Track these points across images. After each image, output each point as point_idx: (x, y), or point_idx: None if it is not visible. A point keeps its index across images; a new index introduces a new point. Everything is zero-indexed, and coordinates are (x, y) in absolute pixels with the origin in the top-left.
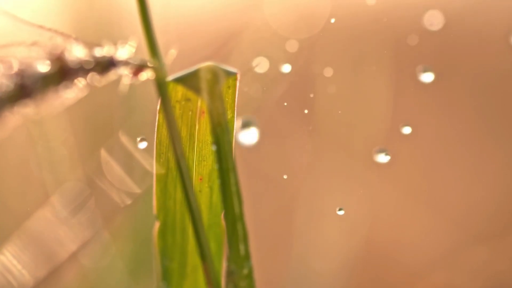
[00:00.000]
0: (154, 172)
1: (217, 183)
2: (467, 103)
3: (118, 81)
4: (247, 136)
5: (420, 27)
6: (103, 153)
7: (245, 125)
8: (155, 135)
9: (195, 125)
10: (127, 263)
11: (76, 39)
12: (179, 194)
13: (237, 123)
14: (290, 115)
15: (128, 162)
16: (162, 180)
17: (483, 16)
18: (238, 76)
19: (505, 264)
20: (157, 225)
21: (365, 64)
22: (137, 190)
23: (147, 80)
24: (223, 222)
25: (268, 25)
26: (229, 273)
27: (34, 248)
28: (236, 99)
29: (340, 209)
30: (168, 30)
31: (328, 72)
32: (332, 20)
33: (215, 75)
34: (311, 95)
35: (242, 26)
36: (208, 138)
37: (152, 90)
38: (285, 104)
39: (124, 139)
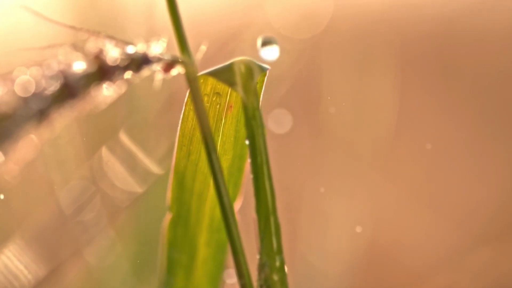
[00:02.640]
0: (173, 163)
1: (234, 178)
2: (470, 103)
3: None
4: (269, 53)
5: (422, 27)
6: (108, 152)
7: (267, 42)
8: (179, 127)
9: (221, 119)
10: (132, 262)
11: (109, 37)
12: (197, 188)
13: (259, 41)
14: (293, 115)
15: (132, 161)
16: (180, 172)
17: (485, 16)
18: (267, 73)
19: (508, 265)
20: (168, 216)
21: (366, 63)
22: (141, 189)
23: (149, 79)
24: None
25: (270, 25)
26: (261, 266)
27: (39, 247)
28: (262, 95)
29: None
30: (195, 27)
31: (331, 71)
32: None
33: (250, 69)
34: (315, 95)
35: (244, 26)
36: (232, 132)
37: (155, 89)
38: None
39: (127, 137)
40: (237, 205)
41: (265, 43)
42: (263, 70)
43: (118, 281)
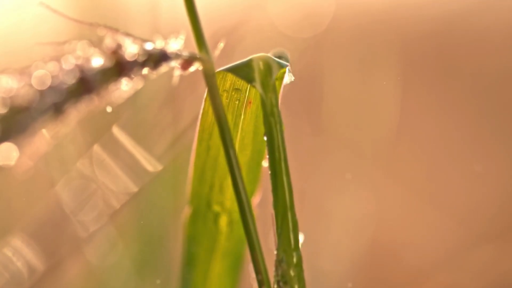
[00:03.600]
0: (192, 158)
1: (253, 172)
2: (472, 102)
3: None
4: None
5: (423, 27)
6: (108, 149)
7: (278, 57)
8: (199, 122)
9: (240, 115)
10: (133, 261)
11: (127, 34)
12: (217, 182)
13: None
14: (295, 115)
15: (133, 159)
16: (200, 167)
17: (485, 16)
18: (287, 69)
19: (509, 264)
20: (187, 211)
21: (368, 63)
22: (142, 187)
23: (149, 79)
24: (254, 210)
25: (273, 24)
26: (279, 262)
27: (39, 245)
28: (281, 91)
29: None
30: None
31: (333, 70)
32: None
33: (269, 65)
34: (316, 95)
35: (246, 24)
36: (251, 128)
37: (157, 88)
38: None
39: (128, 135)
40: (255, 200)
41: (277, 57)
42: (282, 66)
43: (119, 279)
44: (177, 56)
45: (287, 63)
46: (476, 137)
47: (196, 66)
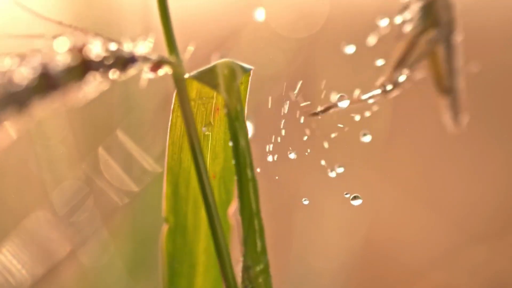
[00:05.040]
0: (165, 173)
1: (227, 181)
2: (468, 101)
3: (116, 79)
4: None
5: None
6: (102, 151)
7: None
8: (168, 135)
9: (209, 122)
10: (126, 262)
11: (96, 34)
12: (191, 195)
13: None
14: (289, 115)
15: (127, 161)
16: (174, 182)
17: (485, 16)
18: (251, 73)
19: (505, 264)
20: (165, 228)
21: (364, 63)
22: (136, 188)
23: (147, 79)
24: (230, 219)
25: (267, 24)
26: (246, 269)
27: (33, 247)
28: (247, 95)
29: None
30: (185, 28)
31: (328, 70)
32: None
33: (232, 70)
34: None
35: (241, 25)
36: (222, 135)
37: (151, 89)
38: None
39: (122, 137)
40: (232, 207)
41: None
42: (245, 71)
43: (113, 281)
44: (145, 58)
45: (251, 67)
46: (471, 136)
47: (165, 70)
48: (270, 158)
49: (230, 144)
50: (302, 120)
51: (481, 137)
